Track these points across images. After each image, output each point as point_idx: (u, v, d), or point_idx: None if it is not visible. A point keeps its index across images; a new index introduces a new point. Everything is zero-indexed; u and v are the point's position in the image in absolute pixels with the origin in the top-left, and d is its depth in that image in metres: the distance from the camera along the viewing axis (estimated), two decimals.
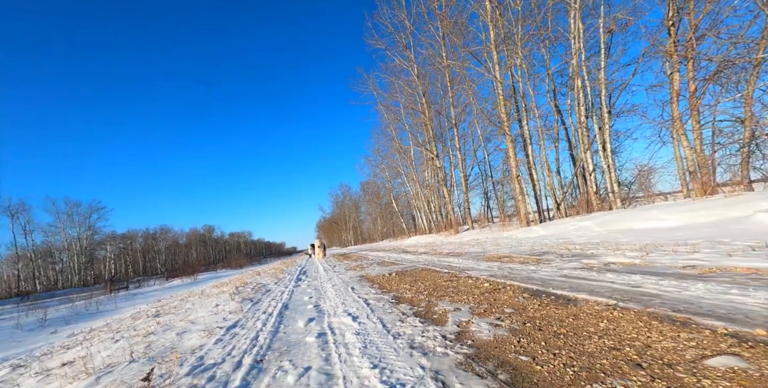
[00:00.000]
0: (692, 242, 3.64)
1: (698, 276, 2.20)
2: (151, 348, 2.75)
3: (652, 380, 1.01)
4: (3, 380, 3.14)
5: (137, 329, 4.14)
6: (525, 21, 11.41)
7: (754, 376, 0.96)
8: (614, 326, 1.50)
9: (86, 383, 2.12)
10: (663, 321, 1.47)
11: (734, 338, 1.21)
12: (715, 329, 1.31)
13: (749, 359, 1.06)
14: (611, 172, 10.70)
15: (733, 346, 1.16)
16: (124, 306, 13.22)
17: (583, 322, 1.61)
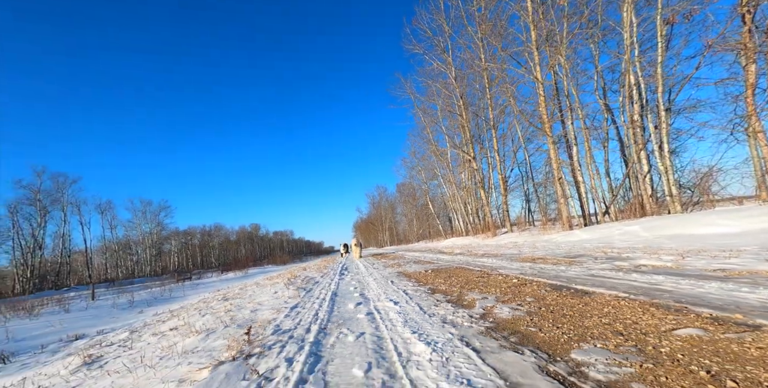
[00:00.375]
0: (741, 248, 3.56)
1: (721, 278, 2.33)
2: (234, 320, 3.50)
3: (626, 341, 1.35)
4: (130, 338, 4.14)
5: (215, 309, 5.04)
6: (571, 17, 11.07)
7: (704, 339, 1.25)
8: (615, 311, 1.79)
9: (199, 337, 2.87)
10: (660, 308, 1.74)
11: (711, 319, 1.47)
12: (700, 314, 1.56)
13: (710, 331, 1.34)
14: (669, 174, 10.00)
15: (706, 323, 1.43)
16: (191, 294, 15.12)
17: (590, 307, 1.92)
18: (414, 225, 34.59)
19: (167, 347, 2.78)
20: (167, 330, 3.99)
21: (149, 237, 45.75)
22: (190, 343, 2.74)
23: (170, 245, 56.36)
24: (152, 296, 15.11)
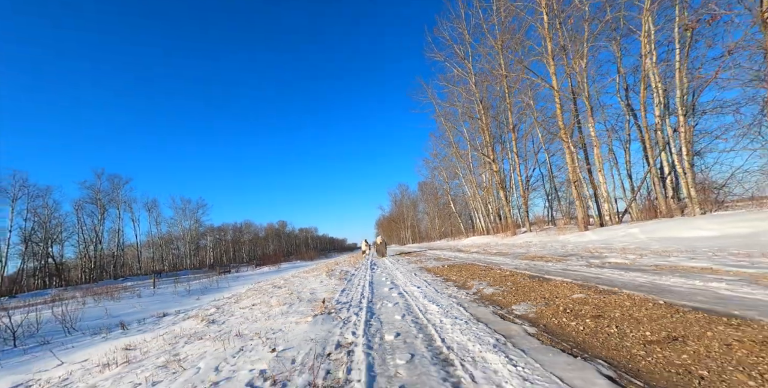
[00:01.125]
0: (701, 249, 4.43)
1: (647, 270, 3.33)
2: (300, 298, 4.87)
3: (543, 301, 2.49)
4: (221, 311, 5.67)
5: (277, 293, 6.50)
6: (593, 20, 11.50)
7: (583, 299, 2.36)
8: (554, 288, 2.91)
9: (284, 308, 4.25)
10: (580, 287, 2.83)
11: (599, 291, 2.55)
12: (597, 288, 2.65)
13: (590, 295, 2.44)
14: (687, 176, 10.43)
15: (592, 292, 2.52)
16: (235, 285, 17.16)
17: (542, 288, 3.04)
18: (436, 223, 35.48)
19: (265, 312, 4.19)
20: (249, 305, 5.46)
21: (188, 233, 49.95)
22: (280, 310, 4.12)
23: (206, 241, 60.83)
24: (203, 286, 17.33)
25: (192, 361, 2.33)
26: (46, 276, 34.21)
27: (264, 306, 4.82)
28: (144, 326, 6.12)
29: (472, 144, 18.59)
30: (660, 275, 2.96)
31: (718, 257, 3.66)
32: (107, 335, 5.47)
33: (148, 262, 44.67)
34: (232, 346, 2.51)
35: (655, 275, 2.99)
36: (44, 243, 32.60)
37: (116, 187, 36.59)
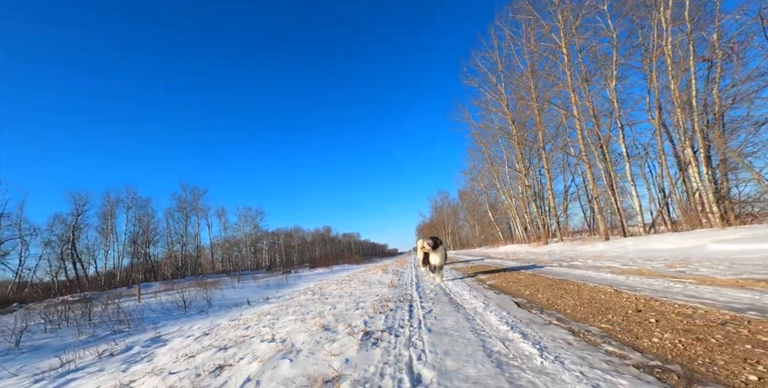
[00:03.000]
0: (655, 257, 6.37)
1: (581, 267, 5.53)
2: (372, 283, 7.72)
3: (517, 282, 4.95)
4: (320, 291, 8.74)
5: (351, 284, 9.45)
6: (623, 43, 13.04)
7: (529, 278, 4.77)
8: (523, 278, 5.33)
9: (365, 287, 7.10)
10: (536, 276, 5.20)
11: (551, 276, 4.94)
12: (542, 275, 5.02)
13: (533, 278, 4.86)
14: (708, 191, 11.61)
15: (534, 277, 4.92)
16: (300, 282, 20.84)
17: (519, 277, 5.46)
18: (476, 231, 36.86)
19: (354, 289, 7.08)
20: (338, 288, 8.45)
21: (249, 237, 56.87)
22: (363, 289, 6.97)
23: (262, 244, 68.08)
24: (275, 283, 21.27)
25: (328, 297, 5.22)
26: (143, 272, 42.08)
27: (348, 288, 7.76)
28: (259, 304, 9.45)
29: (507, 160, 20.39)
30: (582, 269, 5.21)
31: (635, 262, 5.72)
32: (240, 307, 8.86)
33: (215, 262, 52.01)
34: (358, 293, 5.38)
35: (578, 269, 5.24)
36: (144, 245, 40.38)
37: (196, 197, 43.88)
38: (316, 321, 3.65)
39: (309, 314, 4.54)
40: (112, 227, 36.79)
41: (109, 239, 37.37)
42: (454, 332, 2.51)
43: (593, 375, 1.51)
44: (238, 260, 57.27)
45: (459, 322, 2.83)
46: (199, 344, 4.37)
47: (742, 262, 4.56)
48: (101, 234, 36.78)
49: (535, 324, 2.51)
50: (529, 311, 2.97)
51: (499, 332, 2.38)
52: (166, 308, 10.56)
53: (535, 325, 2.49)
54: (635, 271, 4.69)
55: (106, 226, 36.82)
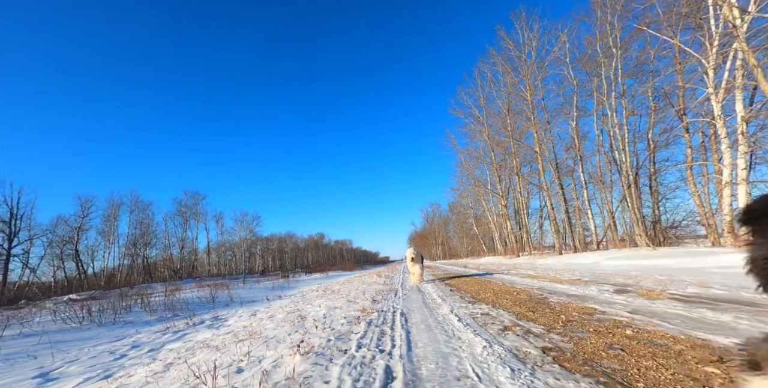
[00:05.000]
0: (560, 267, 9.23)
1: (517, 274, 8.35)
2: (369, 285, 10.45)
3: (462, 280, 7.73)
4: (327, 288, 11.36)
5: (349, 287, 12.14)
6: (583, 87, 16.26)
7: (469, 279, 7.53)
8: (471, 280, 8.11)
9: (365, 287, 9.81)
10: (481, 278, 7.99)
11: (486, 281, 7.72)
12: (488, 280, 7.81)
13: (470, 277, 7.64)
14: (637, 218, 14.65)
15: (483, 282, 7.70)
16: (300, 286, 23.26)
17: (469, 280, 8.24)
18: (464, 242, 39.78)
19: (356, 287, 9.77)
20: (338, 288, 11.14)
21: (244, 242, 58.75)
22: (362, 287, 9.68)
23: (256, 249, 69.80)
24: (278, 285, 23.66)
25: (336, 292, 7.94)
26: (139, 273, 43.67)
27: (352, 286, 10.46)
28: (276, 300, 12.04)
29: (490, 181, 23.46)
30: (513, 275, 8.01)
31: (547, 271, 8.58)
32: (258, 303, 11.45)
33: (212, 266, 53.71)
34: (361, 288, 8.11)
35: (510, 275, 8.06)
36: (143, 247, 42.16)
37: (196, 202, 45.99)
38: (342, 299, 6.39)
39: (334, 297, 7.27)
40: (113, 228, 38.65)
41: (110, 241, 39.16)
42: (414, 299, 5.29)
43: (453, 302, 4.27)
44: (232, 264, 58.95)
45: (418, 296, 5.61)
46: (257, 318, 7.04)
47: (602, 271, 7.45)
48: (102, 236, 38.59)
49: (453, 296, 5.30)
50: (454, 292, 5.77)
51: (434, 299, 5.16)
52: (195, 302, 13.06)
53: (452, 296, 5.28)
54: (534, 275, 7.56)
55: (108, 228, 38.67)
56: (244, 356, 2.81)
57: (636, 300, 3.56)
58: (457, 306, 4.19)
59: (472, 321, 3.19)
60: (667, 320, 2.59)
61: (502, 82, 18.48)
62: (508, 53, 17.06)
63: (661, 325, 2.43)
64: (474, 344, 2.35)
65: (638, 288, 4.48)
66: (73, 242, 32.62)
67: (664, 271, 6.85)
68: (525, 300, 4.18)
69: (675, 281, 5.12)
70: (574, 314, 3.08)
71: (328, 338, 2.98)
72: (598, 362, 1.79)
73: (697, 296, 3.57)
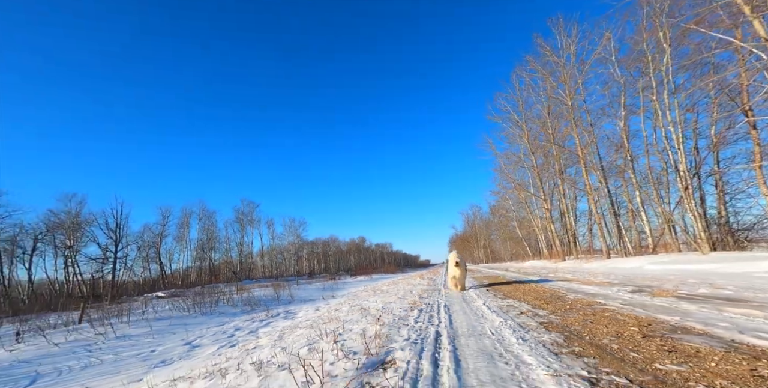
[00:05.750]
0: (604, 272, 9.61)
1: (562, 279, 8.99)
2: (414, 287, 11.68)
3: (505, 284, 8.62)
4: (375, 289, 12.80)
5: (396, 288, 13.46)
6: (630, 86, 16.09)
7: (513, 285, 8.39)
8: (509, 282, 8.95)
9: (410, 287, 11.06)
10: (518, 281, 8.79)
11: (523, 282, 8.53)
12: (529, 284, 8.61)
13: (514, 283, 8.48)
14: (697, 220, 14.17)
15: (521, 284, 8.53)
16: (348, 287, 25.12)
17: (506, 283, 9.09)
18: (507, 245, 39.14)
19: (402, 288, 11.05)
20: (386, 289, 12.49)
21: (292, 246, 63.16)
22: (408, 288, 10.93)
23: (302, 253, 74.37)
24: (329, 286, 25.77)
25: (386, 292, 9.25)
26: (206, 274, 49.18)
27: (398, 287, 11.76)
28: (331, 299, 13.72)
29: (532, 184, 23.43)
30: (552, 280, 8.69)
31: (586, 275, 9.06)
32: (315, 301, 13.16)
33: (265, 268, 58.64)
34: (407, 288, 9.39)
35: (550, 280, 8.74)
36: (209, 251, 47.60)
37: (251, 210, 50.83)
38: (393, 296, 7.72)
39: (384, 295, 8.63)
40: (185, 234, 44.34)
41: (183, 245, 44.91)
42: (454, 296, 6.43)
43: (487, 298, 5.34)
44: (282, 266, 63.56)
45: (458, 294, 6.72)
46: (324, 310, 8.62)
47: (639, 274, 7.89)
48: (177, 241, 44.42)
49: (487, 294, 6.34)
50: (489, 291, 6.78)
51: (471, 296, 6.25)
52: (263, 299, 15.20)
53: (487, 294, 6.32)
54: (570, 279, 8.22)
55: (182, 234, 44.44)
56: (338, 328, 4.23)
57: (640, 297, 4.38)
58: (490, 301, 5.28)
59: (498, 309, 4.31)
60: (646, 308, 3.49)
61: (541, 86, 18.69)
62: (545, 59, 17.32)
63: (636, 311, 3.37)
64: (494, 320, 3.51)
65: (655, 289, 5.17)
66: (156, 246, 38.12)
67: (702, 275, 7.17)
68: (547, 297, 5.14)
69: (700, 283, 5.66)
70: (578, 305, 4.06)
71: (393, 319, 4.30)
72: (569, 327, 2.87)
73: (700, 295, 4.29)
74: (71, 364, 5.43)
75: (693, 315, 3.01)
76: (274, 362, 3.01)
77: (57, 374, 5.01)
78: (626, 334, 2.52)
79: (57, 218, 29.30)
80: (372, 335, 3.35)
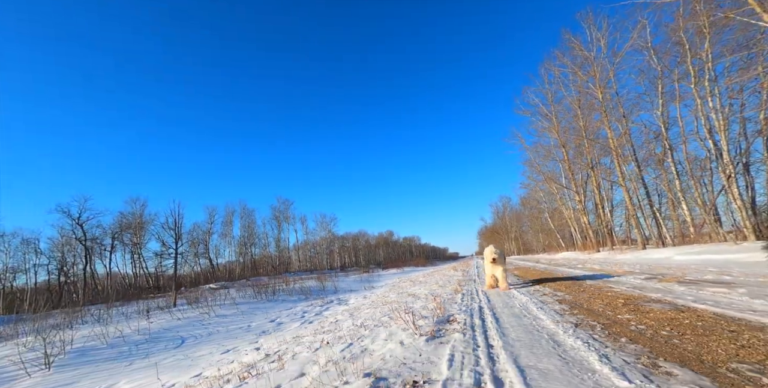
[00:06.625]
0: (635, 263, 10.34)
1: (582, 268, 9.90)
2: (450, 278, 12.97)
3: (534, 271, 9.72)
4: (413, 280, 14.24)
5: (433, 279, 14.82)
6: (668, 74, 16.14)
7: (543, 271, 9.45)
8: (542, 270, 10.01)
9: (447, 277, 12.37)
10: (546, 270, 9.82)
11: (551, 270, 9.56)
12: (556, 270, 9.64)
13: (547, 268, 9.54)
14: (742, 209, 14.28)
15: (551, 270, 9.58)
16: (382, 279, 26.93)
17: (535, 271, 10.14)
18: (540, 237, 39.08)
19: (438, 279, 12.39)
20: (423, 280, 13.89)
21: (324, 240, 66.32)
22: (444, 278, 12.25)
23: (334, 247, 77.63)
24: (365, 279, 27.69)
25: (424, 282, 10.61)
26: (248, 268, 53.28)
27: (434, 278, 13.11)
28: (370, 290, 15.33)
29: (564, 176, 23.62)
30: (579, 269, 9.61)
31: (612, 265, 9.86)
32: (357, 292, 14.80)
33: (301, 261, 62.32)
34: (444, 279, 10.73)
35: (576, 268, 9.67)
36: (250, 246, 51.50)
37: (286, 207, 54.10)
38: (434, 285, 9.10)
39: (424, 286, 10.04)
40: (229, 231, 48.32)
41: (227, 241, 49.00)
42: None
43: (517, 284, 6.55)
44: (315, 260, 67.02)
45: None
46: (372, 297, 10.17)
47: (665, 264, 8.66)
48: (222, 237, 48.56)
49: (517, 281, 7.53)
50: (519, 279, 7.96)
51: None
52: (311, 290, 17.10)
53: (517, 281, 7.52)
54: (597, 269, 9.14)
55: (226, 231, 48.49)
56: (401, 304, 5.68)
57: (646, 283, 5.41)
58: (519, 286, 6.49)
59: (525, 292, 5.54)
60: (643, 290, 4.58)
61: (571, 80, 18.88)
62: (574, 53, 17.53)
63: (633, 291, 4.49)
64: (522, 299, 4.79)
65: (666, 276, 6.12)
66: (205, 242, 42.08)
67: (724, 264, 7.86)
68: (567, 283, 6.27)
69: (712, 272, 6.50)
70: (591, 288, 5.20)
71: (443, 299, 5.68)
72: (576, 302, 4.09)
73: (698, 280, 5.25)
74: (199, 332, 7.37)
75: (674, 293, 4.09)
76: (368, 324, 4.50)
77: (194, 338, 6.93)
78: (613, 304, 3.71)
79: (125, 218, 33.43)
80: (434, 307, 4.76)
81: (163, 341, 6.91)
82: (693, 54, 14.79)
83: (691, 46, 14.58)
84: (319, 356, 3.22)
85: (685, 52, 14.94)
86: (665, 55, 16.15)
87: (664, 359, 1.95)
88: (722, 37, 14.45)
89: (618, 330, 2.66)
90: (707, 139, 15.63)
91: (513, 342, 2.66)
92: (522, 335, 2.86)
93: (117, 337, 7.06)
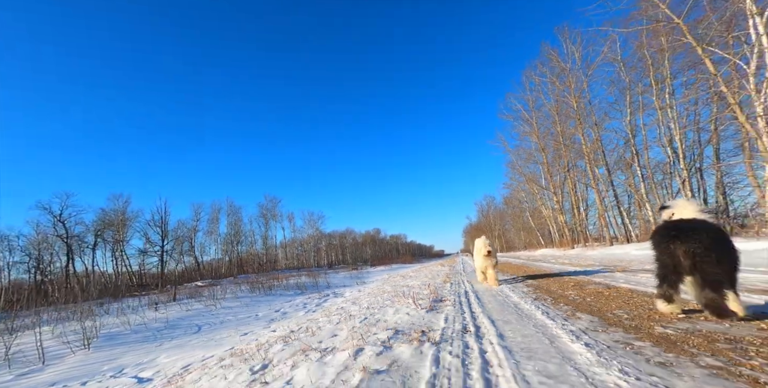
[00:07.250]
0: (594, 256, 11.79)
1: (555, 262, 11.25)
2: (438, 273, 14.16)
3: (510, 265, 10.98)
4: (403, 276, 15.34)
5: (422, 274, 16.00)
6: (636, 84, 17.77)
7: (516, 265, 10.71)
8: (515, 265, 11.28)
9: (435, 272, 13.53)
10: (522, 264, 11.10)
11: (528, 266, 10.84)
12: (530, 265, 10.93)
13: (524, 265, 10.82)
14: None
15: (527, 265, 10.85)
16: (371, 276, 27.98)
17: (513, 265, 11.41)
18: (521, 235, 41.11)
19: (427, 274, 13.53)
20: (414, 275, 15.04)
21: (312, 238, 66.72)
22: (433, 273, 13.41)
23: (321, 245, 78.04)
24: (355, 275, 28.62)
25: (415, 277, 11.73)
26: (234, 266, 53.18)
27: (422, 273, 14.27)
28: (362, 285, 16.41)
29: (543, 178, 25.30)
30: (550, 263, 10.94)
31: (578, 259, 11.27)
32: (350, 286, 15.85)
33: (289, 259, 62.57)
34: (432, 273, 11.87)
35: (547, 262, 11.00)
36: (236, 244, 51.41)
37: (274, 205, 54.21)
38: (425, 278, 10.22)
39: (415, 280, 11.14)
40: (215, 229, 48.12)
41: (213, 239, 48.78)
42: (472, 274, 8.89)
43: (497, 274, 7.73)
44: (302, 258, 67.36)
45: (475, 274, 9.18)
46: (368, 290, 11.21)
47: (622, 258, 10.08)
48: (207, 235, 48.30)
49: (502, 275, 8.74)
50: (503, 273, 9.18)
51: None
52: (306, 285, 17.95)
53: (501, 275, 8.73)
54: (565, 263, 10.50)
55: (211, 228, 48.25)
56: (399, 292, 6.72)
57: (599, 272, 6.66)
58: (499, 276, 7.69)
59: (503, 280, 6.72)
60: (593, 277, 5.80)
61: (550, 88, 20.40)
62: (552, 64, 19.00)
63: (585, 278, 5.70)
64: (500, 286, 5.93)
65: (617, 267, 7.43)
66: (190, 240, 41.88)
67: None
68: (538, 274, 7.50)
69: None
70: (555, 277, 6.41)
71: (435, 287, 6.77)
72: (539, 286, 5.27)
73: (638, 269, 6.53)
74: (212, 320, 8.19)
75: (613, 278, 5.32)
76: (374, 306, 5.52)
77: (209, 326, 7.76)
78: (566, 286, 4.89)
79: (108, 215, 33.01)
80: (428, 292, 5.84)
81: (180, 328, 7.70)
82: (655, 69, 16.51)
83: (654, 62, 16.27)
84: (342, 328, 4.22)
85: (648, 67, 16.64)
86: (632, 69, 17.85)
87: (581, 312, 3.08)
88: (678, 56, 16.21)
89: (561, 300, 3.80)
90: (667, 147, 17.47)
91: (489, 309, 3.75)
92: (496, 306, 3.96)
93: (139, 324, 7.80)
